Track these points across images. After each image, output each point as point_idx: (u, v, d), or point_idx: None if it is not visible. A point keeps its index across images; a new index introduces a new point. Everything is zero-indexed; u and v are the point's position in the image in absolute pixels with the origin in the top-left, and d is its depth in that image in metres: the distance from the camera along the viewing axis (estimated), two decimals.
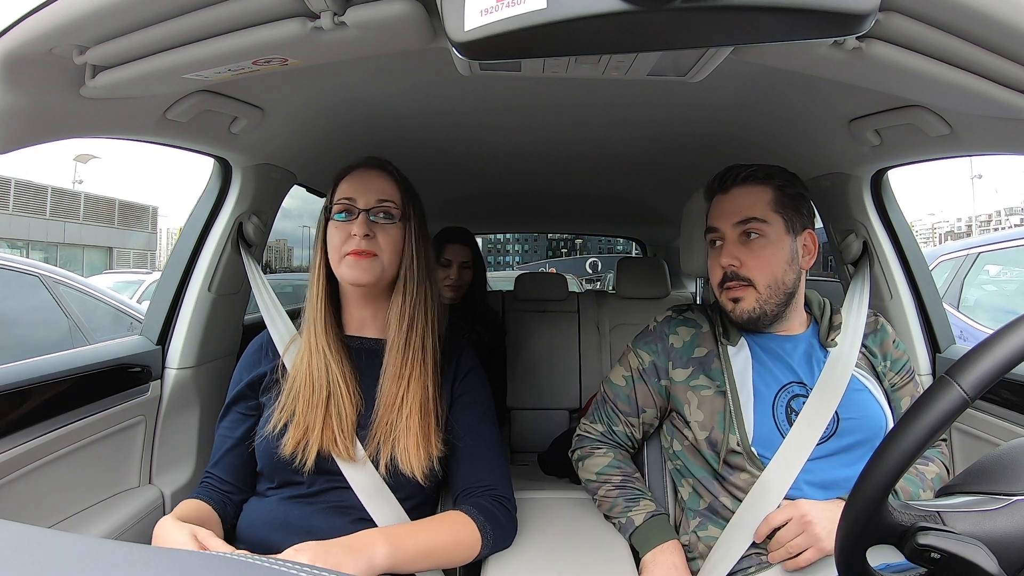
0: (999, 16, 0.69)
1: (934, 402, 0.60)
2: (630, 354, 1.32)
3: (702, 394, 1.19)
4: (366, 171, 1.18)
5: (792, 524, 1.03)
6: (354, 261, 1.12)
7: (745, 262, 1.17)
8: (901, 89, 0.92)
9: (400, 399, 1.11)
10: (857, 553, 0.66)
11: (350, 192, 1.15)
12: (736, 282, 1.18)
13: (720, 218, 1.21)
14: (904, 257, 1.53)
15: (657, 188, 2.33)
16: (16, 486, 1.08)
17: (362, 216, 1.13)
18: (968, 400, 0.58)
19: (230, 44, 0.77)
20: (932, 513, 0.64)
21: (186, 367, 1.47)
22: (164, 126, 1.12)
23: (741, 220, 1.17)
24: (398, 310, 1.16)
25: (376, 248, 1.13)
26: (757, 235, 1.17)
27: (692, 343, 1.25)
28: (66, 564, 0.35)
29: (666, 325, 1.30)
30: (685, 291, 3.86)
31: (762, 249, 1.17)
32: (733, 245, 1.19)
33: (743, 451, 1.12)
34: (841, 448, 1.11)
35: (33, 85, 0.83)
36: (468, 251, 2.37)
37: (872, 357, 1.23)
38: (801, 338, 1.23)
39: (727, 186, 1.21)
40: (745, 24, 0.61)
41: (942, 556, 0.62)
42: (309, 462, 1.06)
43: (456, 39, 0.62)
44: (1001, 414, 1.29)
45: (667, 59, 0.90)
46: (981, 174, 39.71)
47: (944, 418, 0.59)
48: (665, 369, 1.26)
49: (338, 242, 1.13)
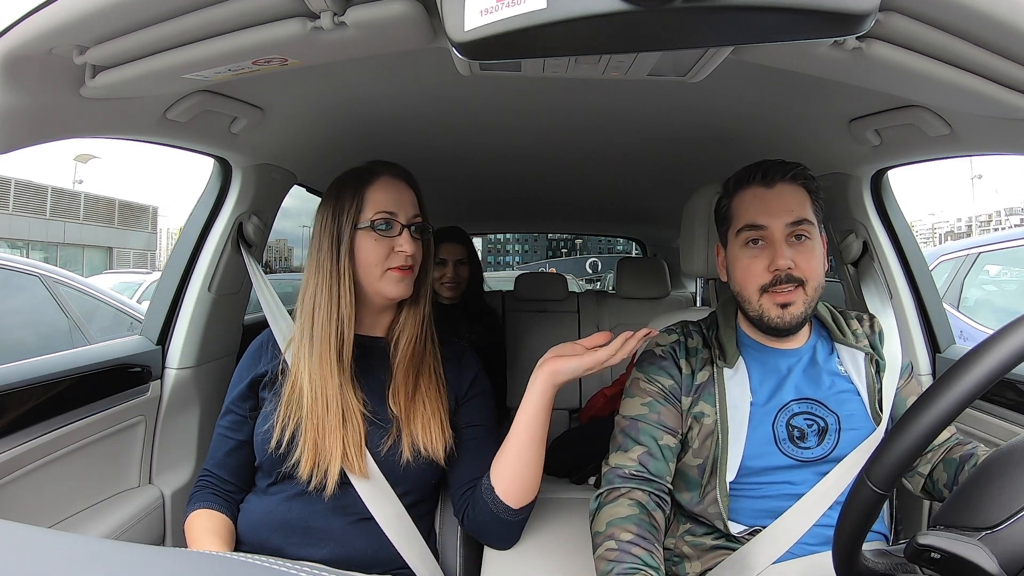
0: (999, 16, 0.69)
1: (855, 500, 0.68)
2: (642, 381, 1.18)
3: (704, 422, 1.12)
4: (396, 181, 1.17)
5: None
6: (399, 277, 1.12)
7: (798, 263, 1.08)
8: (901, 89, 0.92)
9: (415, 390, 1.14)
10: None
11: (389, 205, 1.13)
12: (789, 284, 1.08)
13: (767, 215, 1.10)
14: (904, 257, 1.53)
15: (657, 188, 2.33)
16: (16, 486, 1.08)
17: (406, 232, 1.13)
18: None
19: (230, 44, 0.77)
20: (899, 562, 0.70)
21: (186, 367, 1.47)
22: (164, 126, 1.12)
23: (795, 220, 1.09)
24: (415, 313, 1.19)
25: (415, 263, 1.15)
26: (805, 237, 1.10)
27: (696, 369, 1.17)
28: (66, 564, 0.35)
29: (677, 348, 1.20)
30: (685, 291, 3.86)
31: (812, 251, 1.10)
32: (787, 245, 1.09)
33: (721, 525, 1.08)
34: (842, 455, 1.08)
35: (33, 85, 0.83)
36: (463, 248, 2.39)
37: (881, 360, 1.19)
38: (803, 351, 1.18)
39: (772, 181, 1.12)
40: (745, 24, 0.60)
41: (942, 556, 0.62)
42: (317, 481, 1.06)
43: (456, 39, 0.62)
44: (1000, 414, 1.29)
45: (667, 59, 0.90)
46: (981, 174, 39.62)
47: (867, 513, 0.67)
48: (678, 396, 1.16)
49: (380, 256, 1.11)
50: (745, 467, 1.08)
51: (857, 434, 1.09)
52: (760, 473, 1.08)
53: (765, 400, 1.12)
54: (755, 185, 1.13)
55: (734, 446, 1.08)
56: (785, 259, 1.07)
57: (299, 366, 1.11)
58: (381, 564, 1.09)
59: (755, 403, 1.11)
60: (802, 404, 1.11)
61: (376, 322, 1.21)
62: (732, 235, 1.16)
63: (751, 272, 1.12)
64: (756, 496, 1.09)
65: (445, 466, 1.14)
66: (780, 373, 1.15)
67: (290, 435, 1.07)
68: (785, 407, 1.11)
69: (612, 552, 0.99)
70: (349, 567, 1.06)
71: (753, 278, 1.11)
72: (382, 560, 1.09)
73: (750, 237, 1.12)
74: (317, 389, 1.08)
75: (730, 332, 1.18)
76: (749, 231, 1.12)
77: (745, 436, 1.09)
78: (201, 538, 1.08)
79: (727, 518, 1.08)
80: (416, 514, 1.14)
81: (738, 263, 1.14)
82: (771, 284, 1.09)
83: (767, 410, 1.11)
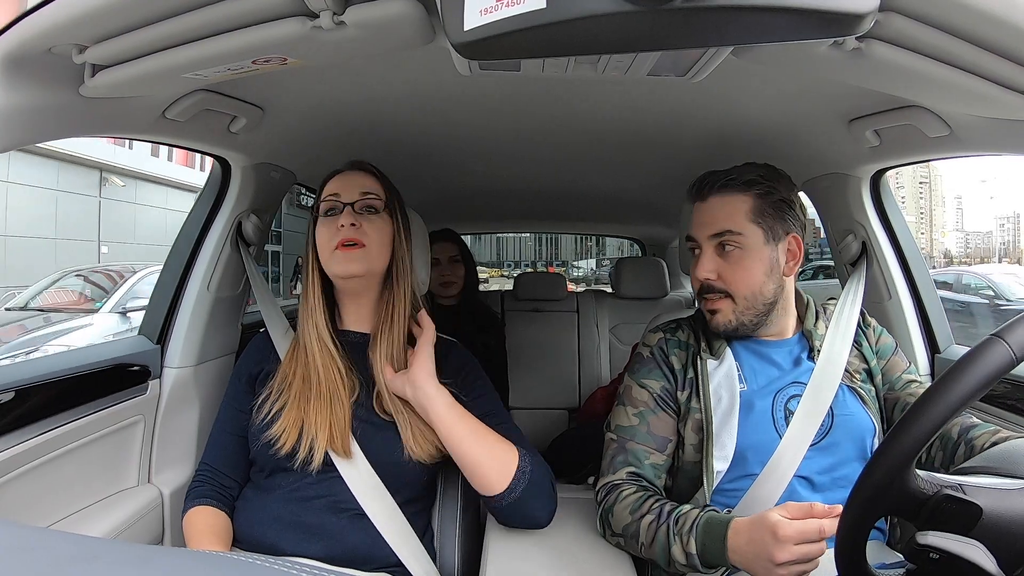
0: (999, 16, 0.69)
1: (980, 356, 0.60)
2: (634, 388, 1.22)
3: (693, 416, 1.16)
4: (351, 171, 1.22)
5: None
6: (343, 254, 1.14)
7: (722, 274, 1.15)
8: (900, 89, 0.92)
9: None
10: (867, 522, 0.66)
11: (334, 190, 1.19)
12: (713, 294, 1.16)
13: (698, 227, 1.18)
14: (903, 258, 1.53)
15: (656, 188, 2.33)
16: (15, 485, 1.08)
17: (347, 209, 1.16)
18: (1015, 360, 0.58)
19: (229, 43, 0.77)
20: (954, 484, 0.64)
21: (185, 366, 1.46)
22: (163, 125, 1.12)
23: (716, 233, 1.15)
24: (389, 300, 1.20)
25: (363, 238, 1.15)
26: (733, 247, 1.14)
27: (688, 363, 1.22)
28: (65, 564, 0.35)
29: (664, 346, 1.24)
30: (684, 291, 3.86)
31: (739, 261, 1.14)
32: (709, 257, 1.16)
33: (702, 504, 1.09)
34: (834, 442, 1.12)
35: (32, 84, 0.83)
36: (454, 246, 2.42)
37: (868, 361, 1.23)
38: (791, 342, 1.22)
39: (704, 194, 1.18)
40: (744, 24, 0.61)
41: (941, 556, 0.62)
42: (303, 456, 1.08)
43: (455, 39, 0.62)
44: (1002, 415, 1.30)
45: (667, 59, 0.90)
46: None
47: (991, 374, 0.59)
48: (674, 393, 1.20)
49: (327, 238, 1.16)
50: (740, 450, 1.11)
51: (851, 419, 1.14)
52: (756, 453, 1.11)
53: (760, 386, 1.17)
54: (696, 200, 1.20)
55: (721, 436, 1.12)
56: (704, 271, 1.16)
57: (289, 355, 1.20)
58: (375, 561, 1.09)
59: (749, 390, 1.16)
60: (798, 388, 1.16)
61: (359, 315, 1.23)
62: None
63: (692, 279, 1.22)
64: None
65: (432, 464, 1.16)
66: (773, 360, 1.20)
67: (275, 413, 1.12)
68: (782, 391, 1.16)
69: (652, 523, 1.05)
70: (343, 563, 1.07)
71: (694, 284, 1.22)
72: (376, 557, 1.09)
73: (690, 247, 1.22)
74: (302, 374, 1.15)
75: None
76: (689, 242, 1.22)
77: (736, 424, 1.12)
78: (199, 535, 1.10)
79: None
80: (410, 511, 1.15)
81: (690, 270, 1.23)
82: (700, 292, 1.20)
83: (763, 394, 1.15)
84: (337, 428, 1.10)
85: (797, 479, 1.09)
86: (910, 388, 1.21)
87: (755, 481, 1.09)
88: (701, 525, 0.99)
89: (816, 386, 1.14)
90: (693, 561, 0.98)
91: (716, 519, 0.99)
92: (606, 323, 2.98)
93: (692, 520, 1.00)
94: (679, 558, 0.99)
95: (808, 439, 1.09)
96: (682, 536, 0.99)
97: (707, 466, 1.11)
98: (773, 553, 0.86)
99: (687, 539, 0.99)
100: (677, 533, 1.00)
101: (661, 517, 1.04)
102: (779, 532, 0.86)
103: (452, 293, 2.40)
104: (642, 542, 1.05)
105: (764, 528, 0.89)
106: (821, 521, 0.86)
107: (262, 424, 1.12)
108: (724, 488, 1.12)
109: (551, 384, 2.80)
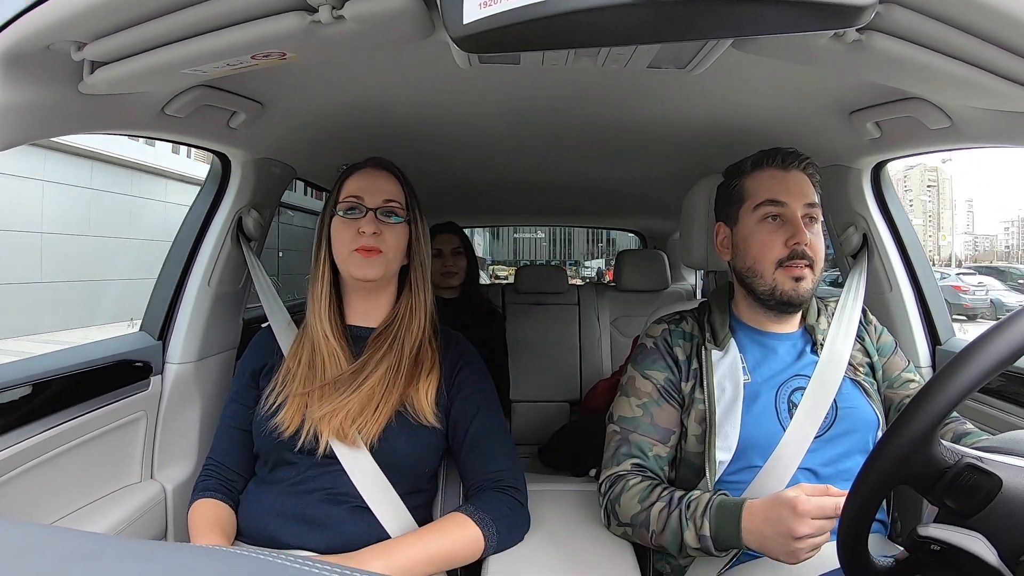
0: (999, 8, 0.68)
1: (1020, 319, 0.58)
2: (638, 379, 1.22)
3: (697, 406, 1.16)
4: (373, 171, 1.22)
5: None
6: (362, 259, 1.15)
7: (811, 244, 1.14)
8: (901, 81, 0.92)
9: (408, 381, 1.17)
10: (881, 490, 0.65)
11: (357, 191, 1.18)
12: (803, 260, 1.13)
13: (787, 194, 1.15)
14: (904, 250, 1.53)
15: (656, 181, 2.32)
16: (18, 483, 1.09)
17: (370, 215, 1.16)
18: None
19: (228, 39, 0.77)
20: (976, 455, 0.64)
21: (187, 362, 1.47)
22: (162, 121, 1.12)
23: (810, 203, 1.16)
24: (413, 305, 1.21)
25: (383, 245, 1.16)
26: (817, 221, 1.17)
27: (692, 354, 1.21)
28: (69, 561, 0.35)
29: (668, 337, 1.24)
30: (685, 284, 3.86)
31: (819, 235, 1.16)
32: (806, 224, 1.15)
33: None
34: (838, 434, 1.12)
35: (31, 81, 0.83)
36: (455, 238, 2.45)
37: (871, 356, 1.23)
38: (794, 335, 1.23)
39: (788, 165, 1.17)
40: (745, 16, 0.60)
41: (942, 548, 0.62)
42: (305, 441, 1.09)
43: (455, 32, 0.62)
44: (1005, 407, 1.30)
45: (667, 51, 0.90)
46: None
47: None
48: (678, 385, 1.20)
49: (346, 238, 1.16)
50: (743, 441, 1.11)
51: (855, 412, 1.14)
52: (759, 444, 1.11)
53: (764, 378, 1.17)
54: (773, 167, 1.18)
55: (724, 427, 1.12)
56: (803, 235, 1.13)
57: (294, 347, 1.21)
58: None
59: (753, 382, 1.16)
60: (801, 380, 1.16)
61: (366, 311, 1.23)
62: (747, 211, 1.19)
63: (769, 246, 1.15)
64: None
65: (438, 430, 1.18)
66: (777, 353, 1.20)
67: (280, 404, 1.13)
68: (786, 383, 1.16)
69: (663, 510, 1.05)
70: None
71: (771, 252, 1.15)
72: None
73: (770, 212, 1.16)
74: (307, 363, 1.17)
75: (723, 317, 1.23)
76: (770, 206, 1.16)
77: (740, 415, 1.13)
78: (203, 527, 1.10)
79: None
80: (412, 504, 1.15)
81: (754, 237, 1.17)
82: (788, 258, 1.14)
83: (767, 386, 1.16)
84: (340, 414, 1.10)
85: (801, 471, 1.09)
86: (909, 388, 1.21)
87: (759, 472, 1.10)
88: (714, 508, 1.00)
89: (820, 379, 1.14)
90: (706, 544, 0.98)
91: (729, 501, 1.00)
92: (607, 316, 2.98)
93: (705, 504, 1.01)
94: (691, 542, 1.00)
95: (812, 432, 1.10)
96: (695, 520, 1.00)
97: (710, 457, 1.12)
98: (793, 526, 0.88)
99: (700, 522, 0.99)
100: (690, 517, 1.01)
101: (672, 503, 1.04)
102: (799, 507, 0.88)
103: (454, 284, 2.43)
104: (653, 530, 1.05)
105: (782, 504, 0.90)
106: (837, 499, 0.88)
107: (267, 413, 1.14)
108: (726, 479, 1.12)
109: (553, 377, 2.81)
